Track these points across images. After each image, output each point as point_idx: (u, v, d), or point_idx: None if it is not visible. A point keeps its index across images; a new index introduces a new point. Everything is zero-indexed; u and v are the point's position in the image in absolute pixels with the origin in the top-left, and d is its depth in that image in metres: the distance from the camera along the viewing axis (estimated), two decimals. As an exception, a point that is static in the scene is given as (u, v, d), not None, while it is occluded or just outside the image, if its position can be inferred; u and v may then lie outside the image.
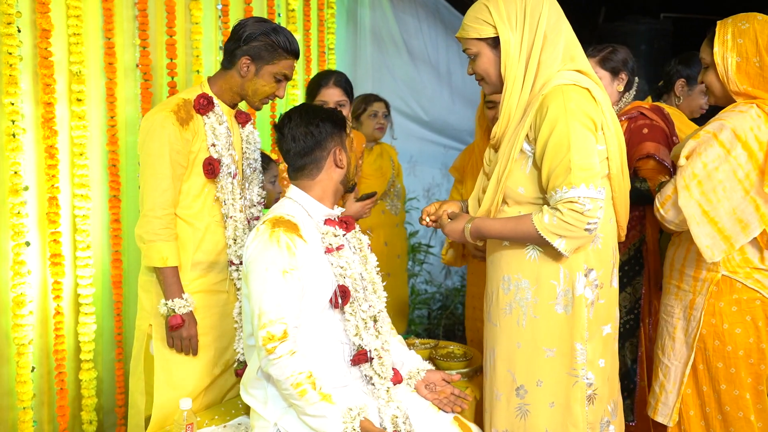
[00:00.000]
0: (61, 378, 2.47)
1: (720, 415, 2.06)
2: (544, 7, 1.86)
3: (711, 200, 1.91)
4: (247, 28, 2.13)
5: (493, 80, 1.94)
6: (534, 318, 1.90)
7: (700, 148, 1.94)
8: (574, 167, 1.75)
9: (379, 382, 1.91)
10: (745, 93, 1.98)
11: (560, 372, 1.89)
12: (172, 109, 2.09)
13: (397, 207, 3.56)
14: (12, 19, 2.26)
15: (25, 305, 2.32)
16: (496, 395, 1.98)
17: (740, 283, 2.01)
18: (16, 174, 2.30)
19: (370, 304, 1.94)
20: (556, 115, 1.77)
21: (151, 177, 2.07)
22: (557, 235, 1.78)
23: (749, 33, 1.95)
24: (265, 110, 3.54)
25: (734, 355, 2.02)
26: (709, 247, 1.92)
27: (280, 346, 1.74)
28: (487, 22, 1.88)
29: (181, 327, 2.08)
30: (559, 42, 1.86)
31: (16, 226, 2.30)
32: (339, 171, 1.96)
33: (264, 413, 1.87)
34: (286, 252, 1.78)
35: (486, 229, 1.92)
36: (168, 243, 2.07)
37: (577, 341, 1.87)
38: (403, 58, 4.82)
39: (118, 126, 2.66)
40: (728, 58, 1.97)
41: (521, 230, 1.84)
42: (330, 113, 1.97)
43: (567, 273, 1.86)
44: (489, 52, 1.90)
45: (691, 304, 2.07)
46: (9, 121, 2.28)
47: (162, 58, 2.84)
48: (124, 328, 2.75)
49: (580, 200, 1.74)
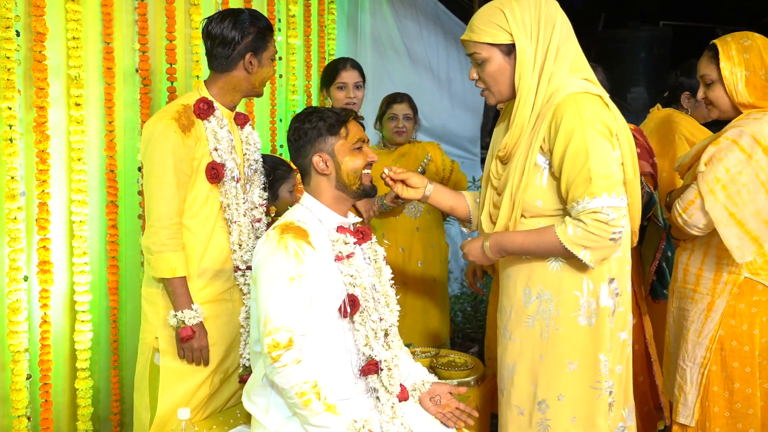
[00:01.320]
0: (46, 390, 2.40)
1: (729, 412, 2.12)
2: (557, 20, 1.82)
3: (737, 203, 1.99)
4: (234, 27, 2.11)
5: (500, 89, 1.87)
6: (556, 330, 1.85)
7: (720, 153, 2.02)
8: (595, 176, 1.72)
9: (384, 396, 1.87)
10: (751, 105, 2.08)
11: (583, 385, 1.85)
12: (173, 116, 2.07)
13: (419, 210, 3.32)
14: (10, 23, 2.24)
15: (20, 312, 2.29)
16: (518, 410, 1.92)
17: (761, 284, 2.08)
18: (12, 179, 2.27)
19: (381, 317, 1.91)
20: (572, 125, 1.73)
21: (155, 187, 2.04)
22: (582, 246, 1.74)
23: (754, 48, 2.06)
24: (264, 113, 3.53)
25: (751, 355, 2.09)
26: (739, 248, 1.99)
27: (285, 354, 1.73)
28: (502, 27, 1.81)
29: (191, 338, 2.06)
30: (569, 54, 1.83)
31: (13, 232, 2.27)
32: (326, 177, 1.90)
33: (265, 422, 1.85)
34: (294, 259, 1.77)
35: (508, 244, 1.86)
36: (176, 253, 2.05)
37: (602, 353, 1.84)
38: (404, 64, 4.82)
39: (116, 131, 2.64)
40: (737, 72, 2.06)
41: (545, 243, 1.79)
42: (310, 118, 1.90)
43: (591, 284, 1.83)
44: (501, 59, 1.84)
45: (710, 306, 2.12)
46: (6, 126, 2.25)
47: (162, 62, 2.82)
48: (121, 335, 2.71)
49: (604, 210, 1.71)
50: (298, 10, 3.71)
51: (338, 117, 1.91)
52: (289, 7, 3.65)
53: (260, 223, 2.28)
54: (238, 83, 2.17)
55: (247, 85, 2.19)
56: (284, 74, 3.67)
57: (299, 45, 3.76)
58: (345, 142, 1.90)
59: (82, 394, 2.53)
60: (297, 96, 3.74)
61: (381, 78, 4.53)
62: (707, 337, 2.12)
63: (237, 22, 2.12)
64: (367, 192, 1.95)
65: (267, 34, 2.17)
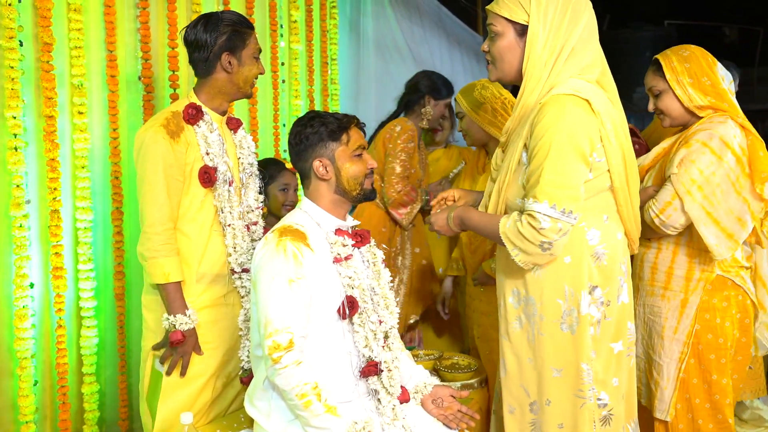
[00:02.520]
0: (63, 392, 2.46)
1: (709, 403, 2.20)
2: (582, 20, 1.80)
3: (712, 202, 2.09)
4: (205, 30, 2.11)
5: (504, 67, 1.86)
6: (541, 335, 1.85)
7: (692, 156, 2.11)
8: (543, 182, 1.72)
9: (385, 398, 1.88)
10: (708, 106, 2.18)
11: (567, 393, 1.84)
12: (161, 123, 2.08)
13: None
14: (14, 33, 2.27)
15: (27, 318, 2.31)
16: (510, 409, 1.94)
17: (731, 280, 2.19)
18: (18, 187, 2.30)
19: (381, 320, 1.92)
20: (546, 126, 1.74)
21: (147, 193, 2.06)
22: (512, 243, 1.77)
23: (692, 58, 2.20)
24: (267, 118, 3.54)
25: (724, 347, 2.19)
26: (717, 245, 2.10)
27: (285, 356, 1.74)
28: (523, 7, 1.80)
29: (181, 343, 2.07)
30: (584, 57, 1.82)
31: (19, 239, 2.30)
32: (325, 183, 1.92)
33: (267, 426, 1.86)
34: (293, 261, 1.78)
35: (466, 219, 1.93)
36: (169, 258, 2.06)
37: (583, 362, 1.81)
38: (408, 67, 4.83)
39: (120, 138, 2.66)
40: (682, 80, 2.19)
41: (491, 227, 1.83)
42: (312, 122, 1.91)
43: (572, 291, 1.82)
44: (513, 36, 1.83)
45: (684, 303, 2.20)
46: (11, 135, 2.28)
47: (164, 70, 2.85)
48: (127, 341, 2.73)
49: (538, 216, 1.71)
50: (300, 15, 3.73)
51: (340, 123, 1.91)
52: (291, 12, 3.67)
53: (256, 226, 2.29)
54: (222, 85, 2.17)
55: (230, 86, 2.17)
56: (287, 79, 3.69)
57: (301, 50, 3.78)
58: (346, 149, 1.90)
59: (88, 398, 2.55)
60: (300, 101, 3.75)
61: (384, 81, 4.55)
62: (684, 332, 2.19)
63: (209, 23, 2.12)
64: (367, 196, 1.96)
65: (243, 32, 2.14)
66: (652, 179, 2.28)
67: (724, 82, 2.20)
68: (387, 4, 4.63)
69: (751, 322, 2.27)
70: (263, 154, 3.37)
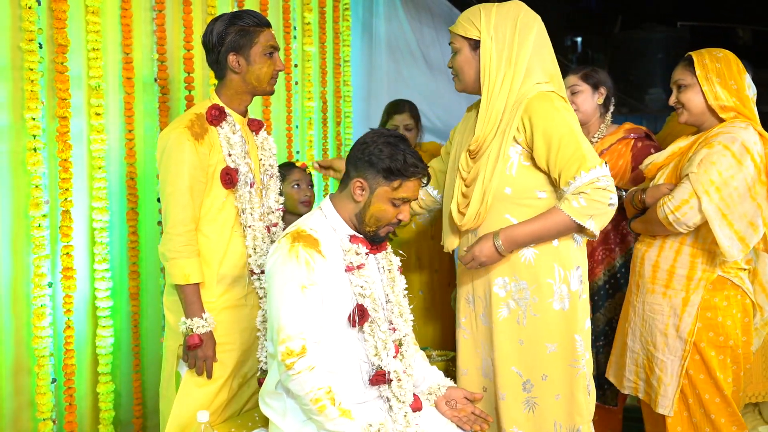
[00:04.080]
0: (70, 393, 2.46)
1: (719, 398, 2.25)
2: (532, 33, 2.01)
3: (728, 204, 2.14)
4: (214, 32, 2.13)
5: (465, 78, 2.09)
6: (534, 316, 2.02)
7: (713, 157, 2.14)
8: (587, 152, 1.92)
9: (397, 405, 1.88)
10: (732, 107, 2.22)
11: (563, 365, 2.03)
12: (186, 125, 2.10)
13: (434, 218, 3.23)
14: (33, 36, 2.30)
15: (45, 317, 2.34)
16: (500, 396, 2.06)
17: (730, 281, 2.25)
18: (37, 188, 2.33)
19: (395, 327, 1.92)
20: (551, 115, 1.94)
21: (171, 195, 2.07)
22: (588, 216, 1.91)
23: (725, 60, 2.25)
24: (281, 119, 3.57)
25: (725, 344, 2.25)
26: (730, 247, 2.14)
27: (299, 362, 1.74)
28: (474, 24, 2.03)
29: (198, 347, 2.08)
30: (539, 65, 2.01)
31: (37, 239, 2.33)
32: (354, 203, 1.88)
33: (282, 425, 1.87)
34: (305, 267, 1.78)
35: (519, 236, 1.98)
36: (190, 260, 2.07)
37: (576, 333, 2.02)
38: (420, 69, 4.83)
39: (136, 140, 2.69)
40: (711, 77, 2.24)
41: (554, 223, 1.95)
42: (387, 147, 1.82)
43: (562, 271, 2.01)
44: (468, 52, 2.06)
45: (685, 301, 2.25)
46: (30, 136, 2.31)
47: (180, 72, 2.87)
48: (141, 340, 2.76)
49: (601, 179, 1.90)
50: (313, 17, 3.74)
51: (403, 169, 1.82)
52: (304, 14, 3.68)
53: (276, 228, 2.30)
54: (237, 85, 2.18)
55: (245, 86, 2.17)
56: (300, 81, 3.70)
57: (314, 52, 3.80)
58: (390, 192, 1.84)
59: (104, 398, 2.58)
60: (313, 102, 3.77)
61: (396, 83, 4.56)
62: (686, 330, 2.25)
63: (215, 26, 2.13)
64: (375, 240, 1.91)
65: (250, 30, 2.13)
66: (665, 177, 2.32)
67: (749, 90, 2.26)
68: (399, 6, 4.64)
69: (750, 321, 2.32)
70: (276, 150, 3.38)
